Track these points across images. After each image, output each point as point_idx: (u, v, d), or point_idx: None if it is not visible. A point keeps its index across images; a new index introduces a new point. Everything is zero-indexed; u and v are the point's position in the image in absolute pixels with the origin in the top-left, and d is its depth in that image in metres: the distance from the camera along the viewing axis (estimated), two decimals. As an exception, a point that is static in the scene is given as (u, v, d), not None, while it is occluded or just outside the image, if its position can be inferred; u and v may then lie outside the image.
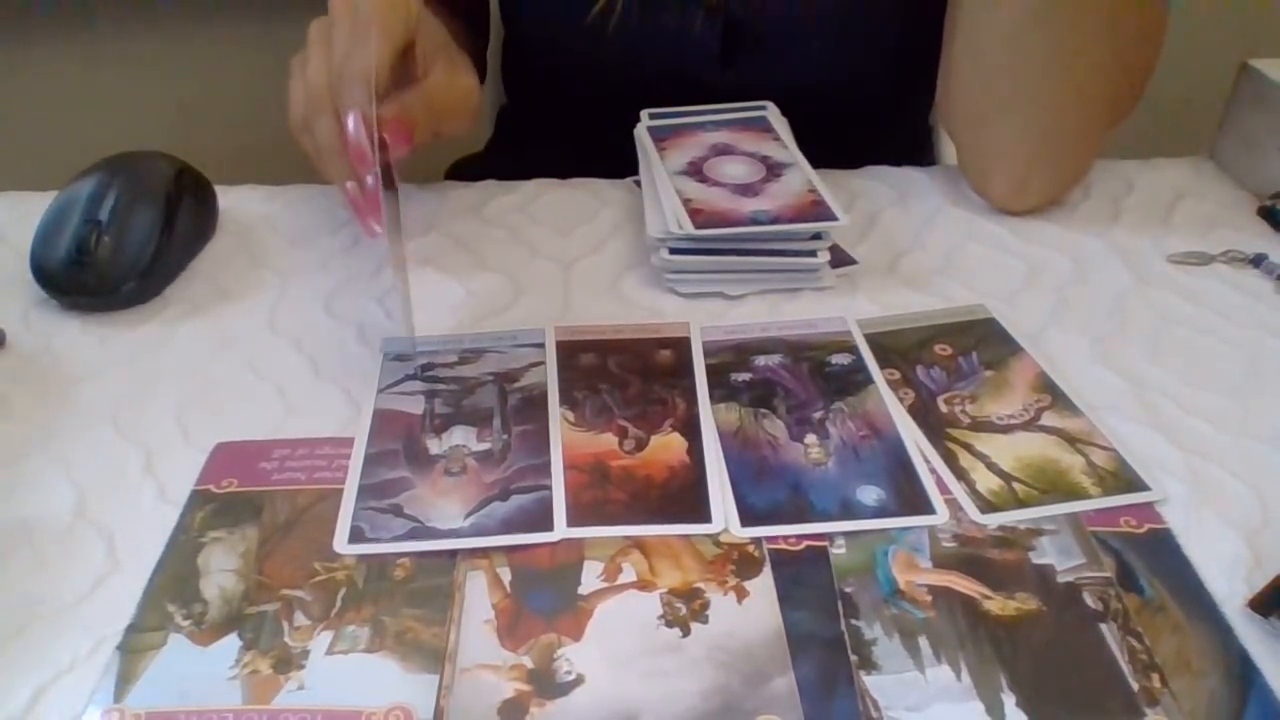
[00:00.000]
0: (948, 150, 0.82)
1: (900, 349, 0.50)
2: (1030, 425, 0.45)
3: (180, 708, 0.34)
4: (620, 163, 0.64)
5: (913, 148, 0.82)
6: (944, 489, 0.42)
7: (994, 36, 0.58)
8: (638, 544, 0.40)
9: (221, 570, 0.39)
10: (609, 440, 0.45)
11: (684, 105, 0.64)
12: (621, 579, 0.39)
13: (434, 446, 0.45)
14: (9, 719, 0.34)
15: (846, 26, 0.67)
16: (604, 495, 0.42)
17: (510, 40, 0.79)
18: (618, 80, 0.67)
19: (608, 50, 0.68)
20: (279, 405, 0.48)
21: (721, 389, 0.48)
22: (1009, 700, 0.34)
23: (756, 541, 0.40)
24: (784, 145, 0.60)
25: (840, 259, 0.56)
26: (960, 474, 0.43)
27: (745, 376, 0.48)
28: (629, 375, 0.49)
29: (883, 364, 0.49)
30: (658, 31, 0.67)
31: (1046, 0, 0.55)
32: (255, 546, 0.40)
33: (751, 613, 0.37)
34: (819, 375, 0.48)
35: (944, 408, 0.46)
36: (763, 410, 0.46)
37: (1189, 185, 0.64)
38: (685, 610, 0.37)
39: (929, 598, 0.38)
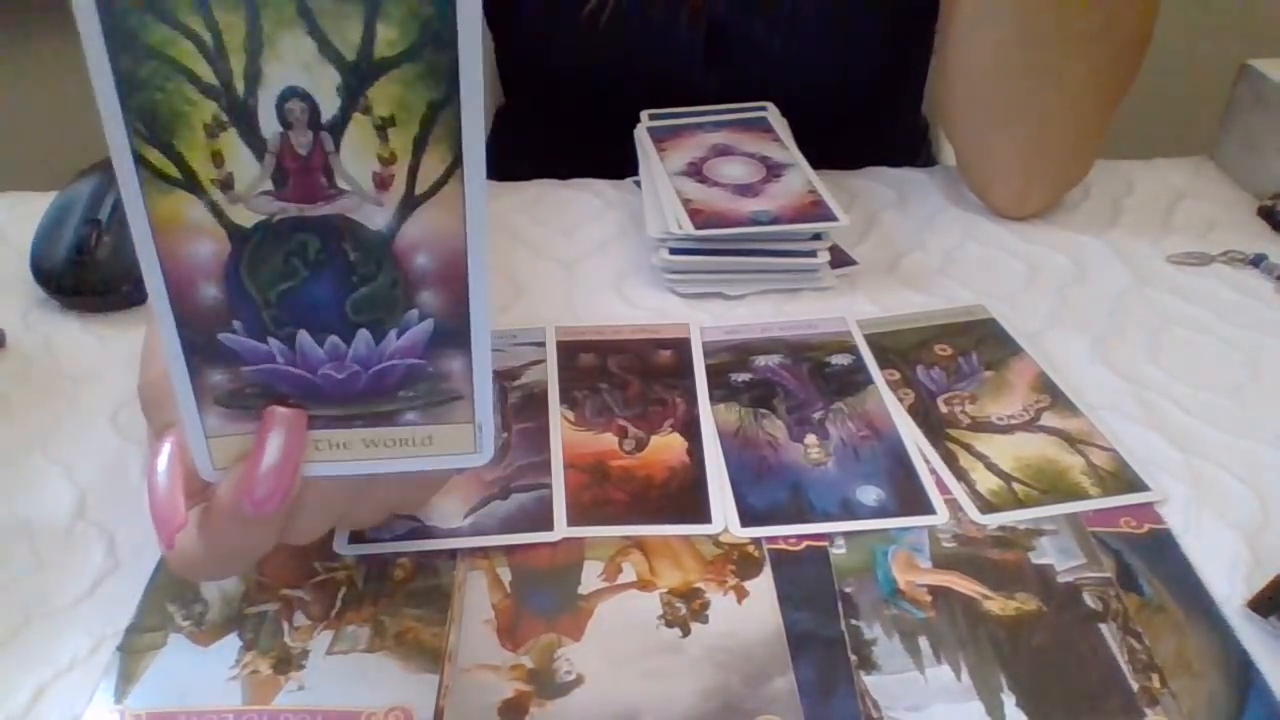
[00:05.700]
0: (947, 149, 0.82)
1: (900, 349, 0.50)
2: (1030, 425, 0.45)
3: (180, 708, 0.34)
4: (619, 163, 0.64)
5: (905, 146, 0.82)
6: (944, 489, 0.42)
7: (981, 56, 0.58)
8: (638, 544, 0.40)
9: (221, 570, 0.39)
10: (609, 440, 0.45)
11: (672, 106, 0.64)
12: (621, 579, 0.39)
13: (434, 446, 0.45)
14: (9, 719, 0.34)
15: (830, 29, 0.67)
16: (604, 495, 0.42)
17: (505, 42, 0.79)
18: (609, 80, 0.67)
19: (599, 49, 0.68)
20: (279, 405, 0.48)
21: (721, 389, 0.48)
22: (1009, 700, 0.34)
23: (756, 541, 0.40)
24: (784, 146, 0.59)
25: (840, 259, 0.56)
26: (960, 474, 0.43)
27: (745, 377, 0.48)
28: (629, 375, 0.49)
29: (883, 364, 0.49)
30: (646, 30, 0.67)
31: (1028, 20, 0.55)
32: (255, 546, 0.40)
33: (751, 613, 0.37)
34: (819, 375, 0.48)
35: (944, 408, 0.46)
36: (763, 410, 0.46)
37: (1189, 185, 0.64)
38: (685, 610, 0.37)
39: (929, 598, 0.38)
